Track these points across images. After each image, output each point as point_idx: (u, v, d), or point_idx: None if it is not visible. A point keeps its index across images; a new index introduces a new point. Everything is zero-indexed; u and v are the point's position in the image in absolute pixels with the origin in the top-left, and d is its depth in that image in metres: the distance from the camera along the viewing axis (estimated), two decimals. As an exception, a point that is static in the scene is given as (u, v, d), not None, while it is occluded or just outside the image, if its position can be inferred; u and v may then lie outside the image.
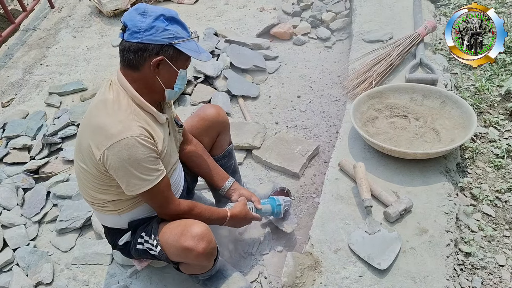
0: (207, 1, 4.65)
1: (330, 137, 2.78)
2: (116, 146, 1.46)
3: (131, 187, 1.55)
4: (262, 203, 2.01)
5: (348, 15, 3.82)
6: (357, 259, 1.74)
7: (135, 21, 1.46)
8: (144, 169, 1.52)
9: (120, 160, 1.47)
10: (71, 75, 3.77)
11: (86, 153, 1.55)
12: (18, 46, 4.37)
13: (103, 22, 4.54)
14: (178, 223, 1.66)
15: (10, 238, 2.35)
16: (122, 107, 1.52)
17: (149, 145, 1.51)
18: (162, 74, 1.54)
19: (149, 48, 1.48)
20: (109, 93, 1.55)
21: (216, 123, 2.05)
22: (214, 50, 3.57)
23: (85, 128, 1.57)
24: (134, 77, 1.54)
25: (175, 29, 1.50)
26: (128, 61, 1.51)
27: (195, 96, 3.18)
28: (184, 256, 1.63)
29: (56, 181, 2.63)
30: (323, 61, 3.52)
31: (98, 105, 1.55)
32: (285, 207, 2.08)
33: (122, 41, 1.51)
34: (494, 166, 2.18)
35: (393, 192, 1.97)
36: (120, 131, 1.46)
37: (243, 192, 2.00)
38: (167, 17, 1.49)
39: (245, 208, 1.90)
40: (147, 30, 1.46)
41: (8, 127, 3.10)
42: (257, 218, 1.98)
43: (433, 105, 2.31)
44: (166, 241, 1.64)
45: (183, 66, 1.59)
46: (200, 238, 1.59)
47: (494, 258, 1.82)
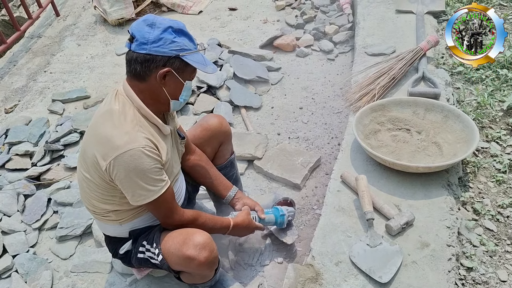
0: (211, 12, 4.69)
1: (332, 149, 2.78)
2: (122, 157, 1.47)
3: (137, 197, 1.55)
4: (265, 213, 2.01)
5: (351, 28, 3.85)
6: (358, 272, 1.73)
7: (143, 32, 1.47)
8: (149, 180, 1.52)
9: (126, 171, 1.48)
10: (75, 82, 3.79)
11: (91, 163, 1.55)
12: (22, 53, 4.40)
13: (108, 30, 4.58)
14: (180, 232, 1.67)
15: (10, 245, 2.34)
16: (128, 118, 1.53)
17: (154, 156, 1.52)
18: (169, 85, 1.55)
19: (157, 59, 1.48)
20: (115, 103, 1.56)
21: (218, 133, 2.05)
22: (217, 61, 3.59)
23: (91, 138, 1.57)
24: (140, 87, 1.55)
25: (183, 41, 1.51)
26: (135, 71, 1.52)
27: (198, 106, 3.19)
28: (186, 265, 1.63)
29: (57, 188, 2.63)
30: (326, 73, 3.53)
31: (104, 115, 1.56)
32: (289, 218, 2.07)
33: (129, 51, 1.52)
34: (496, 181, 2.18)
35: (395, 205, 1.97)
36: (127, 142, 1.47)
37: (246, 201, 2.01)
38: (175, 29, 1.50)
39: (248, 218, 1.90)
40: (155, 41, 1.47)
41: (10, 133, 3.11)
42: (260, 227, 1.97)
43: (435, 119, 2.32)
44: (168, 250, 1.64)
45: (189, 78, 1.59)
46: (202, 247, 1.59)
47: (495, 274, 1.81)
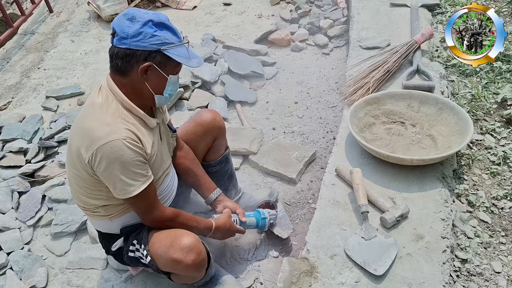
0: (206, 7, 4.67)
1: (327, 143, 2.78)
2: (103, 149, 1.45)
3: (118, 191, 1.54)
4: (247, 216, 1.98)
5: (345, 22, 3.84)
6: (353, 265, 1.74)
7: (123, 26, 1.45)
8: (130, 173, 1.51)
9: (107, 163, 1.47)
10: (69, 79, 3.77)
11: (76, 156, 1.54)
12: (16, 50, 4.37)
13: (102, 26, 4.55)
14: (167, 234, 1.65)
15: (4, 242, 2.33)
16: (109, 110, 1.51)
17: (136, 149, 1.50)
18: (151, 80, 1.53)
19: (137, 54, 1.46)
20: (98, 97, 1.55)
21: (212, 128, 2.04)
22: (212, 56, 3.58)
23: (74, 131, 1.57)
24: (122, 82, 1.54)
25: (164, 34, 1.48)
26: (117, 66, 1.51)
27: (193, 101, 3.18)
28: (173, 268, 1.62)
29: (51, 185, 2.61)
30: (321, 67, 3.53)
31: (87, 108, 1.56)
32: (270, 221, 2.05)
33: (111, 46, 1.50)
34: (490, 173, 2.19)
35: (389, 198, 1.97)
36: (107, 134, 1.46)
37: (228, 204, 1.98)
38: (156, 23, 1.47)
39: (229, 220, 1.87)
40: (135, 36, 1.44)
41: (4, 130, 3.09)
42: (241, 231, 1.94)
43: (429, 111, 2.32)
44: (156, 251, 1.63)
45: (173, 72, 1.57)
46: (189, 250, 1.57)
47: (490, 265, 1.82)
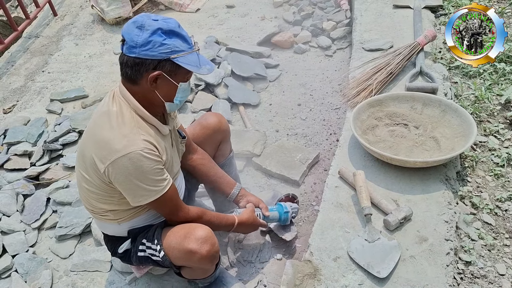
0: (209, 10, 4.69)
1: (331, 145, 2.78)
2: (121, 160, 1.46)
3: (138, 198, 1.55)
4: (269, 210, 2.02)
5: (348, 24, 3.84)
6: (357, 267, 1.74)
7: (132, 35, 1.44)
8: (150, 181, 1.52)
9: (125, 174, 1.47)
10: (73, 82, 3.79)
11: (89, 164, 1.54)
12: (20, 53, 4.40)
13: (105, 29, 4.57)
14: (181, 227, 1.67)
15: (9, 245, 2.34)
16: (126, 120, 1.51)
17: (154, 158, 1.51)
18: (161, 88, 1.52)
19: (146, 63, 1.45)
20: (112, 105, 1.55)
21: (218, 132, 2.05)
22: (215, 58, 3.59)
23: (89, 139, 1.56)
24: (133, 90, 1.54)
25: (174, 42, 1.46)
26: (127, 75, 1.51)
27: (196, 104, 3.19)
28: (188, 259, 1.63)
29: (56, 188, 2.63)
30: (324, 69, 3.53)
31: (102, 117, 1.55)
32: (293, 214, 2.08)
33: (121, 54, 1.50)
34: (494, 175, 2.18)
35: (392, 200, 1.97)
36: (125, 146, 1.46)
37: (250, 199, 2.01)
38: (165, 31, 1.45)
39: (253, 215, 1.90)
40: (144, 45, 1.43)
41: (9, 133, 3.11)
42: (264, 225, 1.99)
43: (433, 113, 2.31)
44: (169, 244, 1.64)
45: (183, 79, 1.56)
46: (204, 240, 1.59)
47: (494, 267, 1.81)
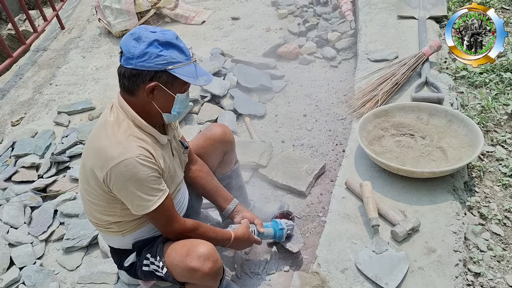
0: (214, 22, 4.73)
1: (337, 155, 2.78)
2: (117, 168, 1.47)
3: (136, 208, 1.56)
4: (264, 226, 1.99)
5: (353, 35, 3.85)
6: (365, 279, 1.72)
7: (129, 46, 1.47)
8: (147, 189, 1.52)
9: (123, 181, 1.49)
10: (80, 94, 3.83)
11: (90, 175, 1.56)
12: (28, 66, 4.45)
13: (112, 42, 4.62)
14: (183, 243, 1.66)
15: (17, 257, 2.35)
16: (121, 129, 1.53)
17: (150, 165, 1.52)
18: (158, 99, 1.54)
19: (143, 74, 1.47)
20: (110, 115, 1.57)
21: (222, 143, 2.05)
22: (221, 70, 3.60)
23: (88, 151, 1.60)
24: (131, 101, 1.56)
25: (170, 54, 1.48)
26: (124, 86, 1.53)
27: (202, 115, 3.21)
28: (190, 277, 1.62)
29: (63, 200, 2.64)
30: (329, 80, 3.54)
31: (100, 128, 1.58)
32: (288, 231, 2.05)
33: (119, 65, 1.52)
34: (502, 185, 2.17)
35: (400, 211, 1.96)
36: (121, 153, 1.48)
37: (246, 215, 1.99)
38: (162, 42, 1.47)
39: (248, 231, 1.88)
40: (140, 56, 1.45)
41: (17, 145, 3.14)
42: (258, 241, 1.95)
43: (439, 123, 2.31)
44: (172, 262, 1.63)
45: (181, 91, 1.57)
46: (206, 258, 1.58)
47: (504, 279, 1.79)
